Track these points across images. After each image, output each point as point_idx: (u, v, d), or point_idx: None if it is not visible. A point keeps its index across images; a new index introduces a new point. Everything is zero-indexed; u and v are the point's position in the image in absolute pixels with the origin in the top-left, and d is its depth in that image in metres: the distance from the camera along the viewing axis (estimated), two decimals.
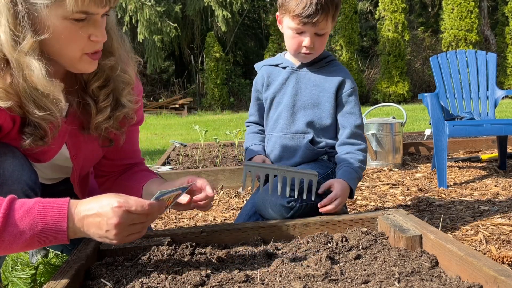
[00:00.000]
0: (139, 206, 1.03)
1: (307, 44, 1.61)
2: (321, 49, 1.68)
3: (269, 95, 1.79)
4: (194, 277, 1.08)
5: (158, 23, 14.92)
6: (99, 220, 1.02)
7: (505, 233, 1.86)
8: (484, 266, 0.99)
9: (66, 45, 1.11)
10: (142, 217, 1.05)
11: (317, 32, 1.60)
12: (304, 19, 1.55)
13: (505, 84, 13.45)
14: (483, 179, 2.90)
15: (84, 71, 1.21)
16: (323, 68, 1.74)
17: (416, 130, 5.86)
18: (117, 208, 1.01)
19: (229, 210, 2.46)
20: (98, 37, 1.12)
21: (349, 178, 1.60)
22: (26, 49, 1.06)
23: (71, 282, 1.06)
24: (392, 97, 13.47)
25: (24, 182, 1.21)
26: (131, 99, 1.34)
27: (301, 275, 1.07)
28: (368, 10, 19.59)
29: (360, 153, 1.69)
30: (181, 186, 1.22)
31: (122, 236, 1.04)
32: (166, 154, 3.95)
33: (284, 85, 1.76)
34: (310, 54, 1.66)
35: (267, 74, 1.81)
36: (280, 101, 1.77)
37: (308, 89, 1.73)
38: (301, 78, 1.74)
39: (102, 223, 1.02)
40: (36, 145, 1.20)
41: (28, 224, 1.00)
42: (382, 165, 3.44)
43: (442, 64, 3.28)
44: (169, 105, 14.52)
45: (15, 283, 1.56)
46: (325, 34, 1.63)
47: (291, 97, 1.74)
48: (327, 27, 1.61)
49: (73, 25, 1.08)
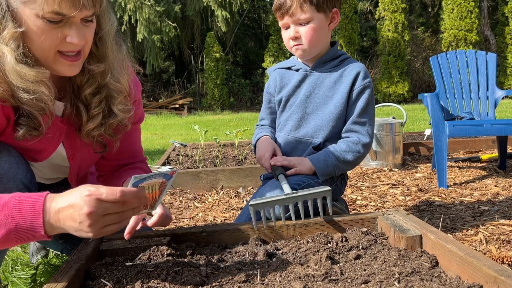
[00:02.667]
0: (110, 193, 0.97)
1: (290, 35, 1.60)
2: (312, 40, 1.61)
3: (282, 98, 1.76)
4: (194, 277, 1.08)
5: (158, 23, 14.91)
6: (72, 211, 0.97)
7: (505, 233, 1.86)
8: (484, 266, 0.99)
9: (40, 43, 1.11)
10: (116, 206, 0.99)
11: (299, 22, 1.58)
12: (279, 11, 1.58)
13: (505, 84, 13.45)
14: (483, 179, 2.89)
15: (63, 74, 1.19)
16: (336, 68, 1.70)
17: (416, 130, 5.86)
18: (87, 196, 0.96)
19: (229, 210, 2.46)
20: (73, 39, 1.11)
21: (313, 158, 1.62)
22: (7, 39, 1.07)
23: (71, 282, 1.06)
24: (392, 97, 13.48)
25: (20, 180, 1.21)
26: (124, 108, 1.32)
27: (301, 275, 1.07)
28: (368, 10, 19.59)
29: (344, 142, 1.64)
30: (161, 171, 1.13)
31: (97, 228, 0.98)
32: (166, 154, 3.95)
33: (297, 87, 1.73)
34: (301, 46, 1.62)
35: (280, 77, 1.78)
36: (292, 103, 1.74)
37: (321, 91, 1.69)
38: (315, 80, 1.70)
39: (75, 215, 0.97)
40: (30, 135, 1.19)
41: (3, 219, 0.97)
42: (382, 165, 3.44)
43: (442, 64, 3.28)
44: (169, 105, 14.52)
45: (15, 283, 1.56)
46: (309, 23, 1.58)
47: (304, 99, 1.70)
48: (307, 15, 1.56)
49: (47, 24, 1.08)
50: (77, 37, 1.12)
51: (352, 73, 1.66)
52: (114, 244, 1.32)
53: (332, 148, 1.64)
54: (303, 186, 1.53)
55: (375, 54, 16.04)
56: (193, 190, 2.93)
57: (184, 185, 2.95)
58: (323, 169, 1.60)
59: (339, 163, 1.62)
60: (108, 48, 1.25)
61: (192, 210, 2.54)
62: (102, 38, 1.23)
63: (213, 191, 2.92)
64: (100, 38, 1.23)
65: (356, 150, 1.63)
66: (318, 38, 1.62)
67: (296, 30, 1.59)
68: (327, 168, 1.61)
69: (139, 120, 1.48)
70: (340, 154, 1.62)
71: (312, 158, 1.62)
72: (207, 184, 2.96)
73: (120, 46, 1.31)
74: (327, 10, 1.59)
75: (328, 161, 1.61)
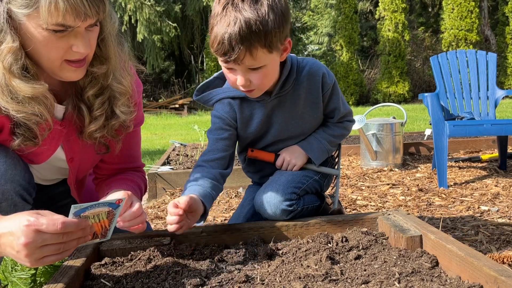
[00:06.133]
0: (50, 225, 0.94)
1: (240, 83, 1.34)
2: (266, 83, 1.39)
3: (249, 134, 1.57)
4: (194, 277, 1.08)
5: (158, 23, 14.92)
6: (12, 239, 0.94)
7: (505, 233, 1.85)
8: (485, 266, 0.99)
9: (45, 54, 1.11)
10: (56, 237, 0.95)
11: (249, 68, 1.31)
12: (222, 58, 1.31)
13: (506, 84, 13.45)
14: (484, 179, 2.89)
15: (68, 79, 1.19)
16: (297, 80, 1.51)
17: (416, 130, 5.86)
18: (26, 227, 0.93)
19: (229, 210, 2.46)
20: (79, 48, 1.11)
21: (303, 144, 1.59)
22: (4, 53, 1.07)
23: (71, 282, 1.06)
24: (392, 97, 13.48)
25: (17, 182, 1.20)
26: (126, 110, 1.31)
27: (301, 275, 1.07)
28: (368, 10, 19.59)
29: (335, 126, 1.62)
30: (105, 200, 1.10)
31: (34, 258, 0.95)
32: (166, 154, 3.95)
33: (267, 119, 1.53)
34: (253, 91, 1.39)
35: (239, 110, 1.52)
36: (265, 135, 1.58)
37: (294, 112, 1.53)
38: (283, 106, 1.52)
39: (13, 243, 0.94)
40: (26, 145, 1.19)
41: None
42: (382, 165, 3.44)
43: (442, 64, 3.28)
44: (169, 105, 14.52)
45: (15, 283, 1.56)
46: (262, 68, 1.32)
47: (279, 126, 1.55)
48: (260, 61, 1.30)
49: (52, 35, 1.08)
50: (83, 46, 1.12)
51: (316, 78, 1.51)
52: (114, 244, 1.32)
53: (322, 132, 1.62)
54: (303, 188, 1.53)
55: (375, 54, 16.05)
56: None
57: None
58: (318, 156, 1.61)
59: (331, 146, 1.64)
60: (111, 49, 1.24)
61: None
62: (104, 40, 1.23)
63: None
64: (102, 39, 1.22)
65: (345, 132, 1.67)
66: (271, 78, 1.41)
67: (246, 78, 1.33)
68: (321, 154, 1.62)
69: (139, 123, 1.46)
70: (331, 138, 1.63)
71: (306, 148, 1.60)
72: None
73: (122, 46, 1.30)
74: (279, 46, 1.34)
75: (321, 147, 1.61)
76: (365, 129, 3.43)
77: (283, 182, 1.50)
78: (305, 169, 1.61)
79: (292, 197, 1.47)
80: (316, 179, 1.61)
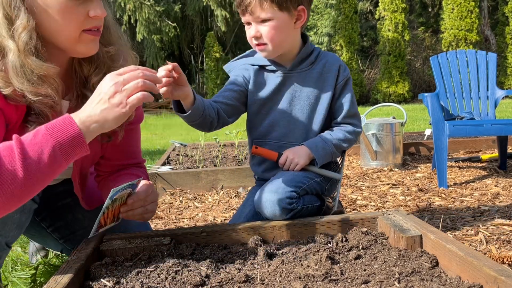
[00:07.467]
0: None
1: (251, 34, 1.51)
2: (274, 40, 1.51)
3: (259, 99, 1.65)
4: (194, 277, 1.08)
5: (157, 23, 14.93)
6: (100, 90, 1.08)
7: (505, 233, 1.85)
8: (484, 266, 0.99)
9: (65, 24, 1.12)
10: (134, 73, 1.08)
11: (260, 20, 1.48)
12: (239, 8, 1.50)
13: (505, 84, 13.45)
14: (483, 179, 2.89)
15: (85, 54, 1.21)
16: (314, 64, 1.63)
17: (416, 130, 5.86)
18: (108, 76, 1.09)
19: (229, 210, 2.46)
20: (97, 11, 1.14)
21: (309, 143, 1.59)
22: (19, 30, 1.07)
23: (71, 282, 1.06)
24: (392, 97, 13.49)
25: None
26: None
27: (301, 275, 1.07)
28: (368, 10, 19.59)
29: (341, 131, 1.64)
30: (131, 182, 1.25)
31: (124, 95, 1.06)
32: (166, 154, 3.95)
33: (277, 92, 1.63)
34: (264, 47, 1.52)
35: (254, 75, 1.65)
36: (272, 108, 1.65)
37: (304, 92, 1.62)
38: (296, 82, 1.62)
39: (103, 89, 1.08)
40: None
41: (43, 140, 1.00)
42: (382, 165, 3.44)
43: (442, 64, 3.28)
44: (169, 105, 14.52)
45: (15, 283, 1.56)
46: (270, 22, 1.48)
47: (288, 104, 1.63)
48: (267, 14, 1.46)
49: (69, 1, 1.11)
50: (100, 8, 1.15)
51: (333, 67, 1.62)
52: (114, 244, 1.32)
53: (329, 136, 1.63)
54: (303, 188, 1.53)
55: (375, 54, 16.06)
56: (193, 190, 2.93)
57: (184, 185, 2.95)
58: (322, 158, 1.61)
59: (337, 151, 1.64)
60: (114, 34, 1.29)
61: (192, 210, 2.54)
62: (107, 25, 1.26)
63: (213, 191, 2.92)
64: (106, 26, 1.25)
65: (352, 139, 1.67)
66: (281, 38, 1.52)
67: (256, 29, 1.50)
68: (326, 156, 1.62)
69: (138, 120, 1.47)
70: (337, 143, 1.63)
71: (311, 147, 1.60)
72: (207, 184, 2.96)
73: (121, 34, 1.35)
74: (291, 9, 1.49)
75: (326, 149, 1.61)
76: (365, 129, 3.43)
77: (283, 181, 1.50)
78: (307, 171, 1.61)
79: (292, 195, 1.47)
80: (318, 181, 1.61)
